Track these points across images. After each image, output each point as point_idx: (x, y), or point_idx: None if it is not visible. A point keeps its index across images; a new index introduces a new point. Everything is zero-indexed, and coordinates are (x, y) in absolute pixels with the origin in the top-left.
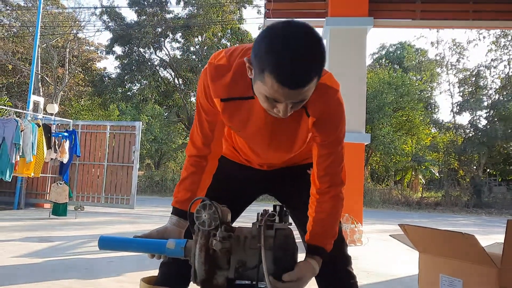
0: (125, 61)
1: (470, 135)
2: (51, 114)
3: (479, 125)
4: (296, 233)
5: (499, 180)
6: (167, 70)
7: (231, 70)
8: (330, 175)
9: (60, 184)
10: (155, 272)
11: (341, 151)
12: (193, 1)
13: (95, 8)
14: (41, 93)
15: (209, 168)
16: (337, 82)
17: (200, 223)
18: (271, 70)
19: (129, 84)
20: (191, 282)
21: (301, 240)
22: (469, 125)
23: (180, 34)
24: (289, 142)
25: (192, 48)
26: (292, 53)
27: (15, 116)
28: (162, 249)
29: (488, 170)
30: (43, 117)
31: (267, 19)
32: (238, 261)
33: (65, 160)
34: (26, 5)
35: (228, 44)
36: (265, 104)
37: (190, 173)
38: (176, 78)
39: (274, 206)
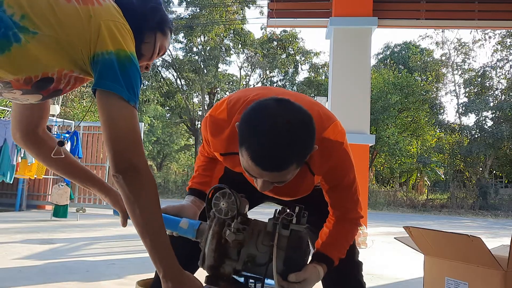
0: None
1: (476, 136)
2: (53, 116)
3: (485, 126)
4: None
5: (506, 182)
6: (170, 70)
7: (229, 126)
8: (345, 212)
9: (62, 185)
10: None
11: (354, 191)
12: (196, 1)
13: None
14: None
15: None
16: (342, 132)
17: (217, 210)
18: (247, 147)
19: None
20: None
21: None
22: (475, 126)
23: (182, 34)
24: (292, 192)
25: (194, 49)
26: (272, 137)
27: None
28: (175, 227)
29: (494, 171)
30: None
31: (270, 19)
32: (248, 254)
33: None
34: None
35: (231, 44)
36: (245, 172)
37: (204, 161)
38: (178, 79)
39: (294, 206)
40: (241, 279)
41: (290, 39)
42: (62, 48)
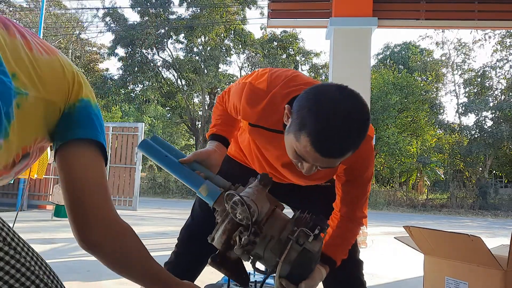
0: (128, 62)
1: (476, 136)
2: None
3: (485, 126)
4: None
5: (505, 181)
6: (170, 71)
7: (266, 99)
8: (352, 209)
9: None
10: None
11: (367, 190)
12: (196, 2)
13: (97, 9)
14: None
15: None
16: (372, 128)
17: (233, 213)
18: (309, 133)
19: (132, 86)
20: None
21: None
22: (475, 126)
23: (183, 35)
24: (309, 176)
25: (195, 49)
26: (336, 126)
27: None
28: (195, 187)
29: (494, 171)
30: None
31: (271, 19)
32: (255, 254)
33: None
34: (29, 6)
35: (231, 44)
36: (291, 155)
37: (225, 111)
38: (179, 79)
39: (314, 226)
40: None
41: (291, 39)
42: (45, 109)
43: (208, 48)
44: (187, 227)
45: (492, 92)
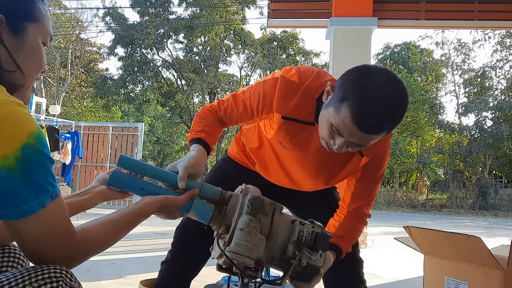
0: (128, 62)
1: (476, 136)
2: (53, 116)
3: (485, 126)
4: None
5: (505, 181)
6: (170, 71)
7: (300, 90)
8: (362, 205)
9: (62, 185)
10: (157, 275)
11: (377, 188)
12: (196, 2)
13: (97, 9)
14: (44, 94)
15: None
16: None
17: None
18: (351, 104)
19: (132, 85)
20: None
21: None
22: (475, 126)
23: (182, 34)
24: (330, 176)
25: (195, 49)
26: (381, 102)
27: None
28: (184, 212)
29: (494, 171)
30: (45, 118)
31: (271, 19)
32: (258, 260)
33: (67, 162)
34: None
35: (231, 44)
36: (325, 131)
37: (215, 120)
38: (179, 79)
39: (316, 249)
40: None
41: (291, 39)
42: None
43: (208, 48)
44: (182, 225)
45: (492, 92)
